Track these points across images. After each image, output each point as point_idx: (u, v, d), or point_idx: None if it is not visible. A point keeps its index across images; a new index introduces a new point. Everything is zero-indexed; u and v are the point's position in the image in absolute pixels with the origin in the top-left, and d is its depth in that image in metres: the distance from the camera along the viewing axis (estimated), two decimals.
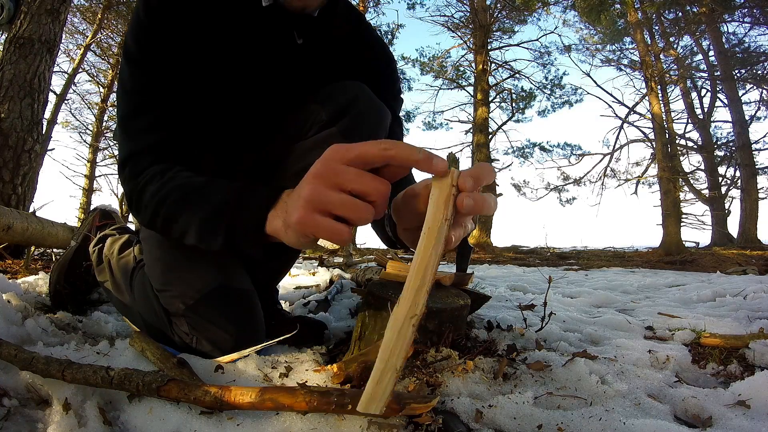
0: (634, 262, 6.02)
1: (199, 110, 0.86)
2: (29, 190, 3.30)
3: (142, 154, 0.78)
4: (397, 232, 0.71)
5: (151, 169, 0.76)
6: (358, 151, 0.51)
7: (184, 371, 0.70)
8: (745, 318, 1.37)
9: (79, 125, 12.78)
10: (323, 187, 0.52)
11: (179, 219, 0.70)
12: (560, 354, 0.88)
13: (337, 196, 0.51)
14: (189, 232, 0.70)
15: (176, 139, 0.81)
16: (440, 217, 0.47)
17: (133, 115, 0.80)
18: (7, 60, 3.26)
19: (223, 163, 0.95)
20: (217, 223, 0.66)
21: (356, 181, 0.50)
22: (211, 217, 0.67)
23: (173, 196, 0.71)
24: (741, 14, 11.73)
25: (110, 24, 10.59)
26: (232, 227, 0.65)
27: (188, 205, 0.69)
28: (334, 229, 0.52)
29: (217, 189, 0.69)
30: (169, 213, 0.71)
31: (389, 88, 1.05)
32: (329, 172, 0.51)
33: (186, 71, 0.82)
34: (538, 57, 13.84)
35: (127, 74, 0.81)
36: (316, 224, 0.52)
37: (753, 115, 11.71)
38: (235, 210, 0.64)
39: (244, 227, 0.63)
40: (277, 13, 0.85)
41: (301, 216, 0.53)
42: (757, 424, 0.62)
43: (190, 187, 0.71)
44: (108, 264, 1.07)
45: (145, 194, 0.74)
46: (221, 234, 0.65)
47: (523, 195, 15.31)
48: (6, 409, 0.60)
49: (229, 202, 0.65)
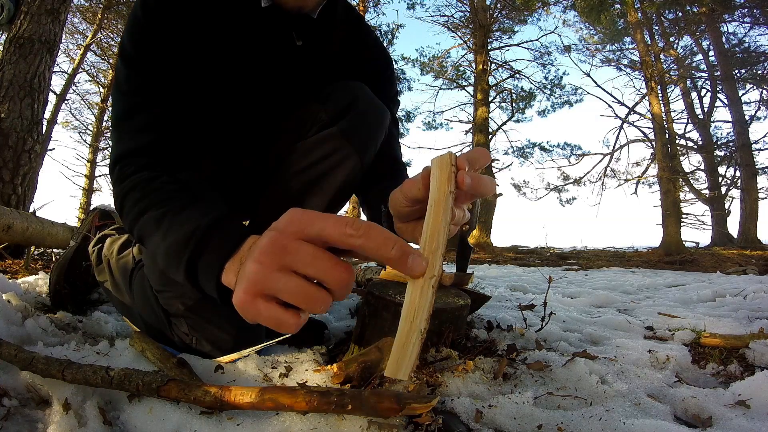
0: (634, 262, 6.02)
1: (198, 111, 0.85)
2: (29, 190, 3.30)
3: (132, 156, 0.77)
4: (394, 227, 0.70)
5: (137, 176, 0.74)
6: (317, 228, 0.42)
7: (184, 371, 0.71)
8: (745, 318, 1.37)
9: (79, 125, 12.83)
10: (270, 269, 0.43)
11: (151, 239, 0.67)
12: (560, 354, 0.88)
13: (285, 280, 0.43)
14: (157, 256, 0.66)
15: (168, 142, 0.79)
16: (445, 189, 0.48)
17: (127, 117, 0.79)
18: (7, 60, 3.26)
19: (223, 165, 0.95)
20: (179, 257, 0.61)
21: (311, 265, 0.42)
22: (175, 249, 0.62)
23: (150, 213, 0.68)
24: (741, 14, 11.74)
25: (110, 24, 10.59)
26: (192, 266, 0.60)
27: (159, 227, 0.66)
28: (278, 318, 0.44)
29: (190, 214, 0.64)
30: (142, 230, 0.69)
31: (387, 90, 1.05)
32: (280, 250, 0.43)
33: (183, 73, 0.81)
34: (538, 57, 13.85)
35: (122, 74, 0.80)
36: (256, 311, 0.44)
37: (753, 115, 11.73)
38: (196, 248, 0.59)
39: (201, 271, 0.59)
40: (276, 15, 0.84)
41: (240, 300, 0.45)
42: (757, 424, 0.62)
43: (167, 207, 0.67)
44: (107, 264, 1.07)
45: (127, 201, 0.73)
46: (182, 270, 0.61)
47: (523, 195, 15.33)
48: (6, 409, 0.60)
49: (193, 236, 0.60)
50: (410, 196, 0.58)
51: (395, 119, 1.09)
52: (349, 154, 0.88)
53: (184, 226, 0.62)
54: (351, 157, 0.88)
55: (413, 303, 0.44)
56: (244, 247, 0.55)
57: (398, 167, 1.04)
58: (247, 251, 0.53)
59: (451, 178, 0.49)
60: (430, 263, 0.45)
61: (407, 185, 0.58)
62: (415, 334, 0.43)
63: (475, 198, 0.60)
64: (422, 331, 0.43)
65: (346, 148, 0.88)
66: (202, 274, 0.59)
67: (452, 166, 0.49)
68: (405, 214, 0.62)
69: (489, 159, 0.54)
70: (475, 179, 0.49)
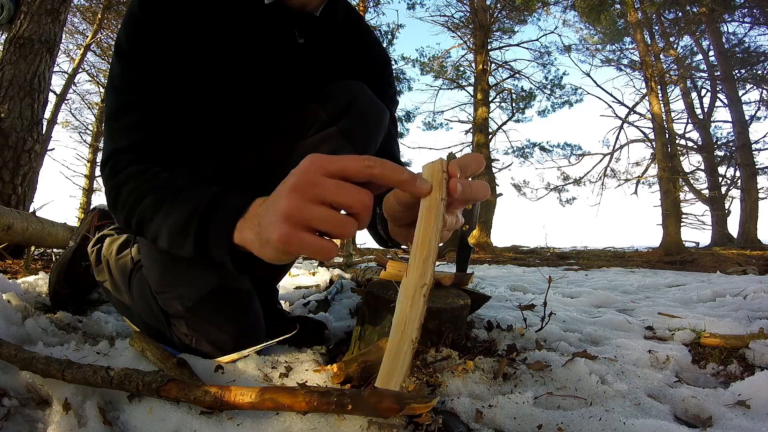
0: (634, 262, 6.02)
1: (196, 109, 0.85)
2: (29, 190, 3.30)
3: (124, 152, 0.77)
4: (388, 230, 0.70)
5: (129, 169, 0.75)
6: (339, 165, 0.48)
7: (184, 371, 0.71)
8: (745, 318, 1.37)
9: (79, 125, 12.84)
10: (303, 201, 0.48)
11: (152, 222, 0.68)
12: (560, 354, 0.88)
13: (318, 210, 0.48)
14: (161, 237, 0.68)
15: (162, 141, 0.79)
16: (436, 197, 0.49)
17: (120, 114, 0.78)
18: (7, 60, 3.26)
19: (222, 163, 0.95)
20: (186, 230, 0.63)
21: (337, 194, 0.48)
22: (180, 223, 0.64)
23: (147, 198, 0.69)
24: (741, 14, 11.74)
25: (110, 24, 10.58)
26: (201, 236, 0.62)
27: (160, 209, 0.67)
28: (321, 246, 0.48)
29: (190, 194, 0.66)
30: (142, 215, 0.69)
31: (386, 90, 1.05)
32: (308, 184, 0.48)
33: (180, 69, 0.80)
34: (538, 57, 13.86)
35: (117, 70, 0.79)
36: (300, 241, 0.49)
37: (753, 115, 11.73)
38: (202, 218, 0.62)
39: (212, 236, 0.61)
40: (279, 12, 0.84)
41: (283, 233, 0.49)
42: (757, 424, 0.62)
43: (164, 190, 0.69)
44: (107, 264, 1.07)
45: (122, 195, 0.73)
46: (190, 242, 0.63)
47: (523, 195, 15.34)
48: (6, 409, 0.60)
49: (197, 208, 0.63)
50: (403, 201, 0.58)
51: (394, 119, 1.09)
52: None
53: (187, 202, 0.64)
54: None
55: (404, 312, 0.43)
56: (254, 205, 0.58)
57: None
58: (260, 206, 0.56)
59: (443, 185, 0.49)
60: (422, 272, 0.45)
61: (399, 192, 0.58)
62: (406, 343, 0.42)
63: (467, 204, 0.60)
64: (414, 341, 0.42)
65: (346, 148, 0.88)
66: (213, 238, 0.61)
67: (443, 173, 0.49)
68: (398, 218, 0.62)
69: (482, 165, 0.54)
70: (467, 186, 0.50)
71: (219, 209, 0.61)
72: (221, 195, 0.63)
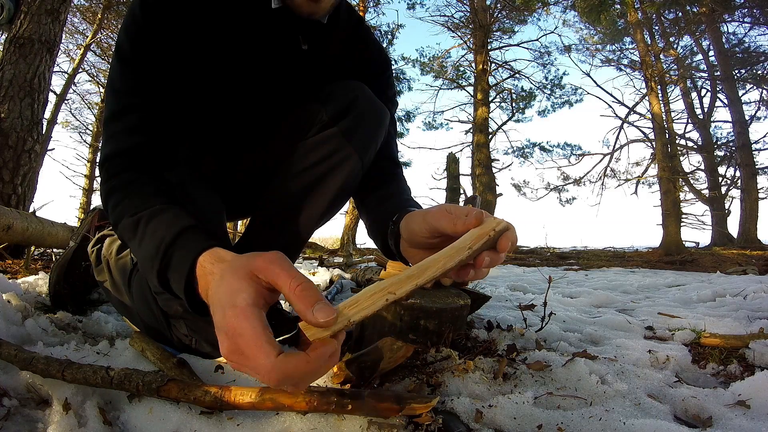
0: (634, 262, 6.01)
1: (196, 109, 0.84)
2: (29, 190, 3.29)
3: (119, 157, 0.77)
4: (400, 247, 0.72)
5: (122, 176, 0.75)
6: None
7: (184, 371, 0.71)
8: (745, 318, 1.37)
9: (79, 125, 12.85)
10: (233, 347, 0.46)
11: (131, 244, 0.70)
12: (560, 354, 0.88)
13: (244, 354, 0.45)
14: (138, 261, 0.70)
15: (158, 145, 0.78)
16: (467, 244, 0.50)
17: (117, 117, 0.77)
18: (7, 60, 3.26)
19: (223, 162, 0.95)
20: (151, 268, 0.64)
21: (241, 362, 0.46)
22: (147, 257, 0.65)
23: (125, 219, 0.70)
24: (741, 14, 11.74)
25: (110, 24, 10.57)
26: (162, 276, 0.63)
27: (135, 235, 0.68)
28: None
29: (158, 227, 0.66)
30: (122, 235, 0.72)
31: (386, 91, 1.05)
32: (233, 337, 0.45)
33: (181, 73, 0.80)
34: (538, 57, 13.86)
35: (116, 73, 0.78)
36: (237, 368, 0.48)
37: (753, 115, 11.72)
38: (161, 261, 0.62)
39: (172, 281, 0.61)
40: (285, 18, 0.83)
41: (225, 354, 0.47)
42: (757, 424, 0.62)
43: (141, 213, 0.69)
44: (107, 264, 1.07)
45: (109, 204, 0.74)
46: (154, 281, 0.64)
47: (523, 195, 15.33)
48: (6, 409, 0.60)
49: (157, 254, 0.63)
50: (438, 228, 0.58)
51: (393, 120, 1.09)
52: (350, 155, 0.88)
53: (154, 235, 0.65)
54: (351, 157, 0.88)
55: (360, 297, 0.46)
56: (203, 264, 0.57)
57: (395, 169, 1.04)
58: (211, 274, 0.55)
59: (483, 239, 0.50)
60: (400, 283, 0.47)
61: (438, 215, 0.58)
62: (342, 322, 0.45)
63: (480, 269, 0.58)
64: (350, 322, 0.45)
65: (346, 149, 0.88)
66: (174, 285, 0.61)
67: (493, 231, 0.50)
68: (419, 242, 0.63)
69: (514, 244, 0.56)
70: (495, 260, 0.52)
71: (174, 257, 0.61)
72: (180, 237, 0.63)
